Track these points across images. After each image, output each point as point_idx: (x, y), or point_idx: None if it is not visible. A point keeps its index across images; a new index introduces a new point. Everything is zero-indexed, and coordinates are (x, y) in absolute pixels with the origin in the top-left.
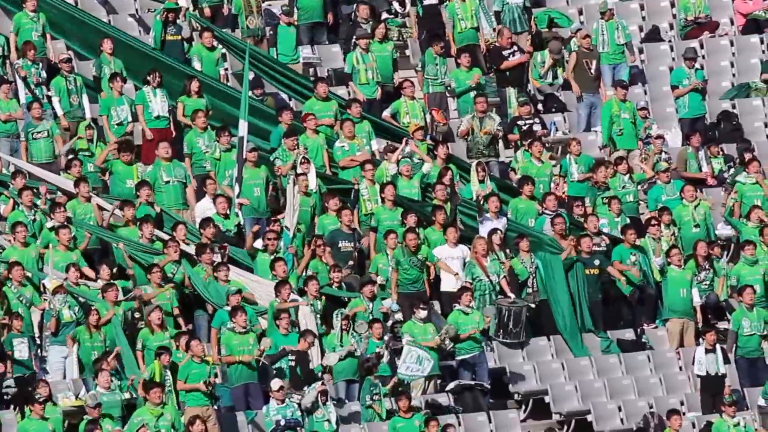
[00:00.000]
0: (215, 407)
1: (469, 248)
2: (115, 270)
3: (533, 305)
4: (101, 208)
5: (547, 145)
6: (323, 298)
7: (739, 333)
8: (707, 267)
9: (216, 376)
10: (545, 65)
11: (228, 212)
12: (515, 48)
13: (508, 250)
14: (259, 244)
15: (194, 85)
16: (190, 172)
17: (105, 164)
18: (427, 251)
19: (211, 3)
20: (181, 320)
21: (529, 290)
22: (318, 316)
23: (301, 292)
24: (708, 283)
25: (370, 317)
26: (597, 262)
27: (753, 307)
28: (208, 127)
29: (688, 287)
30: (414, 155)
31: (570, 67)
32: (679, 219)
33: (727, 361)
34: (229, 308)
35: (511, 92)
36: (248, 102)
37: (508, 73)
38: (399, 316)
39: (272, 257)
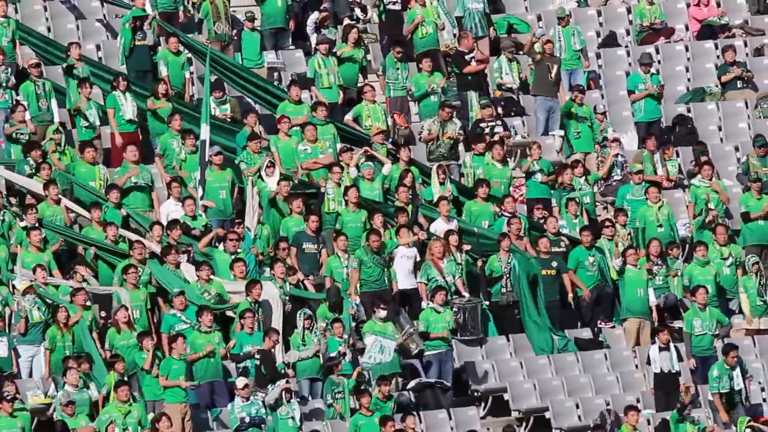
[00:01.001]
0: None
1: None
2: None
3: (488, 302)
4: (70, 210)
5: (507, 148)
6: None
7: (691, 333)
8: (660, 263)
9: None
10: (502, 72)
11: (195, 213)
12: (476, 53)
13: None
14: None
15: (161, 88)
16: (163, 172)
17: (67, 167)
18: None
19: (165, 9)
20: (151, 321)
21: (504, 290)
22: (286, 300)
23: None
24: (662, 278)
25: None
26: (555, 264)
27: (706, 307)
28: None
29: (645, 287)
30: (381, 150)
31: (529, 62)
32: (644, 219)
33: (680, 359)
34: (175, 311)
35: (473, 95)
36: (210, 119)
37: (469, 77)
38: (362, 315)
39: (232, 258)
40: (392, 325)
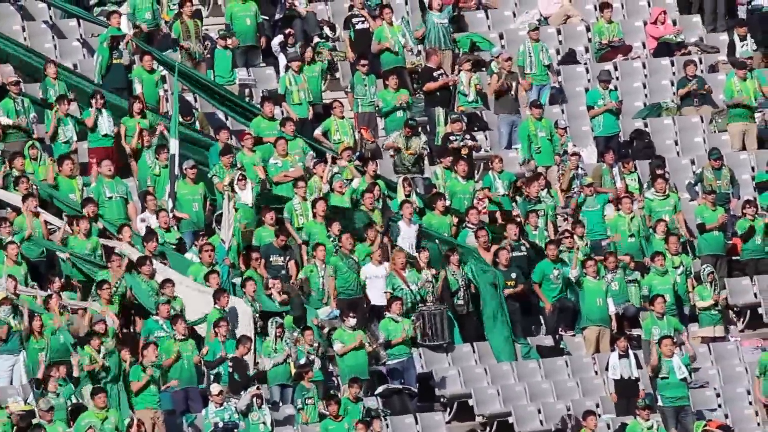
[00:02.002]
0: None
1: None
2: (62, 280)
3: (446, 306)
4: (48, 224)
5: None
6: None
7: (649, 340)
8: (614, 270)
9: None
10: (464, 83)
11: (169, 226)
12: (443, 70)
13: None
14: (189, 255)
15: (136, 107)
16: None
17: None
18: (365, 250)
19: (149, 26)
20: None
21: (460, 302)
22: (257, 317)
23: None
24: (618, 285)
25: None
26: (513, 275)
27: (664, 316)
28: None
29: (604, 297)
30: (344, 171)
31: (492, 88)
32: (615, 229)
33: (639, 366)
34: (158, 318)
35: (440, 111)
36: (178, 131)
37: (438, 93)
38: (336, 322)
39: (208, 269)
40: (362, 333)
